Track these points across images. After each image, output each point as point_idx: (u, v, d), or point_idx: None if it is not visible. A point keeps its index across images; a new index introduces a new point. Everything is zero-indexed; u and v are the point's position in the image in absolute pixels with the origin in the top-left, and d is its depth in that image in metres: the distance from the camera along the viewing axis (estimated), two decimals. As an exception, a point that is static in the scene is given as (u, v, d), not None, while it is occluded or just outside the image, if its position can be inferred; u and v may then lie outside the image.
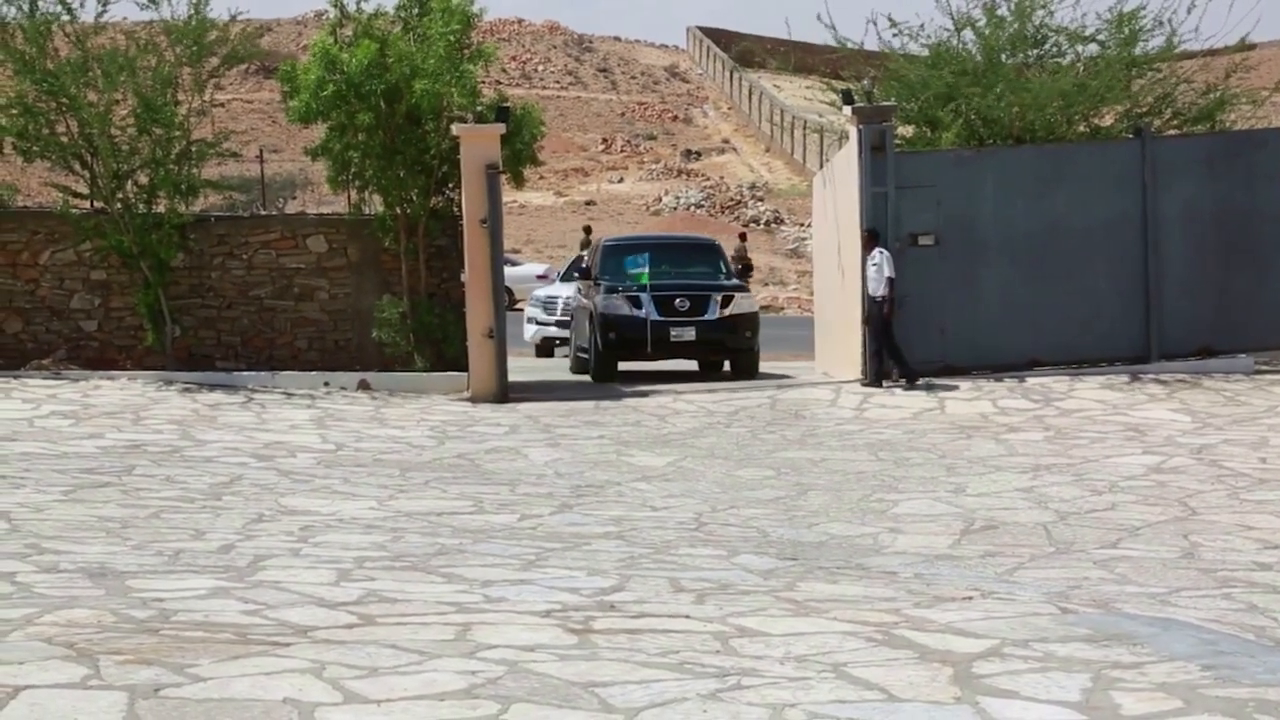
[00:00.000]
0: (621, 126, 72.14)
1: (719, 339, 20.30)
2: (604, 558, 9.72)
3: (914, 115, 21.67)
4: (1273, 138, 20.55)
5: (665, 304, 20.12)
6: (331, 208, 25.36)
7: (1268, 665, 7.08)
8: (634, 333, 19.96)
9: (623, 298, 20.12)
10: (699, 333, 20.17)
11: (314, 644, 7.14)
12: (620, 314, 20.06)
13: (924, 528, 11.26)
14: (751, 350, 20.42)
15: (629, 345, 20.04)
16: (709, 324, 20.20)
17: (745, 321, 20.42)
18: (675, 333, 20.07)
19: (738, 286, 20.79)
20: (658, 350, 20.08)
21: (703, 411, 17.61)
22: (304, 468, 13.72)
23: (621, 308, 20.08)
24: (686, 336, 20.13)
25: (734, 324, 20.30)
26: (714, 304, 20.21)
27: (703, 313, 20.18)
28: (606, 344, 20.05)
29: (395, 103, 19.18)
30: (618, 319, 20.08)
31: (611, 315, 20.10)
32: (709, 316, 20.17)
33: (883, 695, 6.54)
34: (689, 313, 20.14)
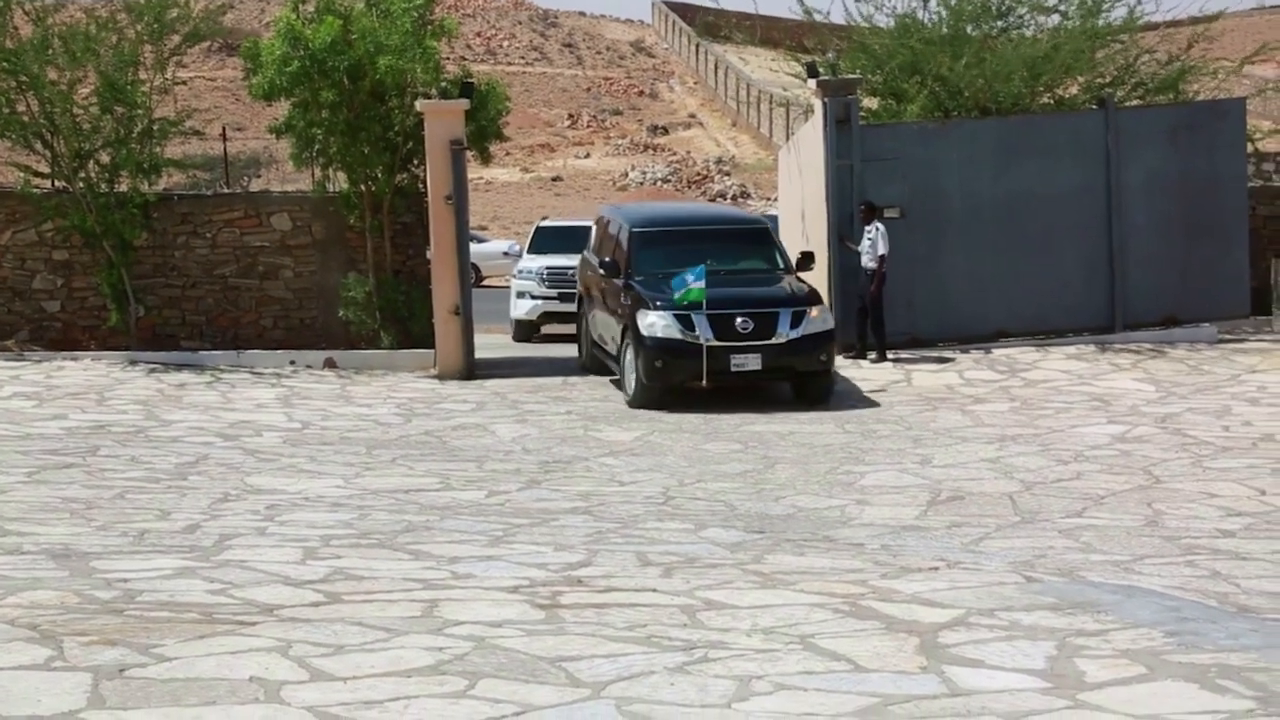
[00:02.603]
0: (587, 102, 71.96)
1: (788, 365, 16.10)
2: (571, 533, 9.72)
3: (879, 87, 21.67)
4: (1234, 108, 20.63)
5: (724, 325, 15.82)
6: (295, 185, 25.17)
7: (1230, 631, 7.14)
8: (686, 360, 15.78)
9: (671, 317, 15.85)
10: (765, 359, 15.87)
11: (280, 622, 7.13)
12: (669, 339, 15.85)
13: (891, 499, 11.29)
14: (827, 373, 16.29)
15: (679, 374, 15.87)
16: (778, 349, 15.88)
17: (820, 342, 16.13)
18: (736, 361, 15.81)
19: (809, 296, 16.40)
20: (715, 381, 15.86)
21: (670, 386, 17.60)
22: (270, 446, 13.67)
23: (671, 330, 15.84)
24: (750, 365, 15.86)
25: (807, 345, 16.00)
26: (784, 322, 15.91)
27: (770, 334, 15.88)
28: (651, 372, 15.85)
29: (359, 79, 19.07)
30: (665, 345, 15.85)
31: (658, 340, 15.87)
32: (777, 339, 15.88)
33: (849, 666, 6.56)
34: (753, 335, 15.87)
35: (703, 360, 15.74)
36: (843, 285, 18.87)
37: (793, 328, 15.91)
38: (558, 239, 24.78)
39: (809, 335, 15.98)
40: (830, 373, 16.34)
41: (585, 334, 18.63)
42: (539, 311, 23.96)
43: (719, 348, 15.76)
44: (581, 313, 18.95)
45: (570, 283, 23.32)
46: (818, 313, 16.17)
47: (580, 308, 19.01)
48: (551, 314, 23.90)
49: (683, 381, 15.89)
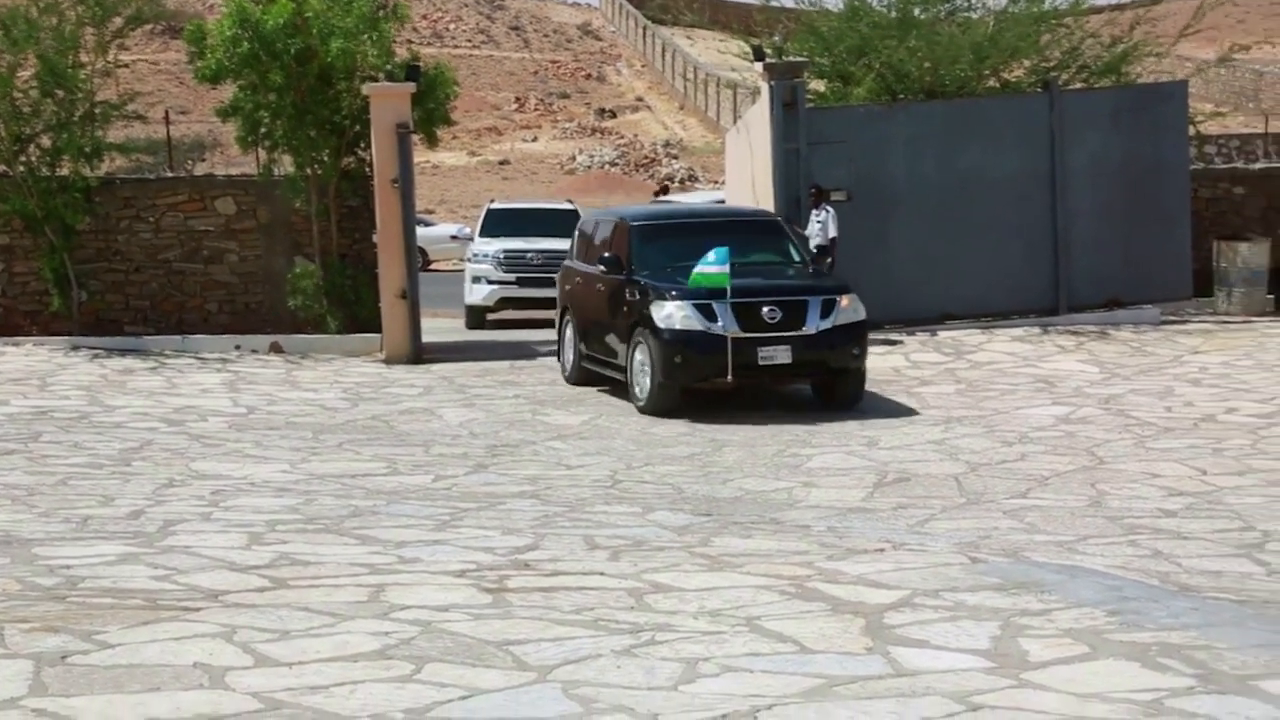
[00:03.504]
0: (535, 85, 71.77)
1: (820, 359, 14.51)
2: (519, 517, 9.72)
3: (827, 70, 21.73)
4: (1177, 91, 20.79)
5: (749, 315, 14.29)
6: (241, 169, 25.03)
7: (1171, 610, 7.21)
8: (708, 355, 14.23)
9: (690, 307, 14.28)
10: (795, 352, 14.31)
11: (225, 608, 7.09)
12: (689, 330, 14.26)
13: (837, 481, 11.34)
14: (859, 371, 14.82)
15: (701, 371, 14.37)
16: (808, 340, 14.34)
17: (853, 334, 14.64)
18: (764, 354, 14.26)
19: (838, 285, 14.97)
20: (741, 376, 14.33)
21: (618, 369, 17.61)
22: (215, 432, 13.59)
23: (691, 321, 14.25)
24: (779, 358, 14.29)
25: (839, 338, 14.50)
26: (813, 312, 14.43)
27: (800, 325, 14.35)
28: (670, 370, 14.29)
29: (307, 62, 18.96)
30: (685, 337, 14.27)
31: (677, 332, 14.28)
32: (808, 330, 14.35)
33: (796, 647, 6.59)
34: (781, 325, 14.33)
35: (727, 354, 14.12)
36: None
37: (823, 317, 14.40)
38: (510, 221, 24.34)
39: (841, 326, 14.51)
40: (862, 371, 14.85)
41: (572, 347, 16.56)
42: (496, 297, 23.30)
43: (745, 340, 14.19)
44: (564, 325, 16.96)
45: (529, 267, 23.16)
46: (849, 302, 14.66)
47: (561, 320, 17.13)
48: (509, 299, 23.29)
49: (705, 378, 14.35)
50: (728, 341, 14.16)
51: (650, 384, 14.43)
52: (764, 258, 15.58)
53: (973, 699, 5.86)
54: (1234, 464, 11.67)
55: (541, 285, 22.96)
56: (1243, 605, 7.49)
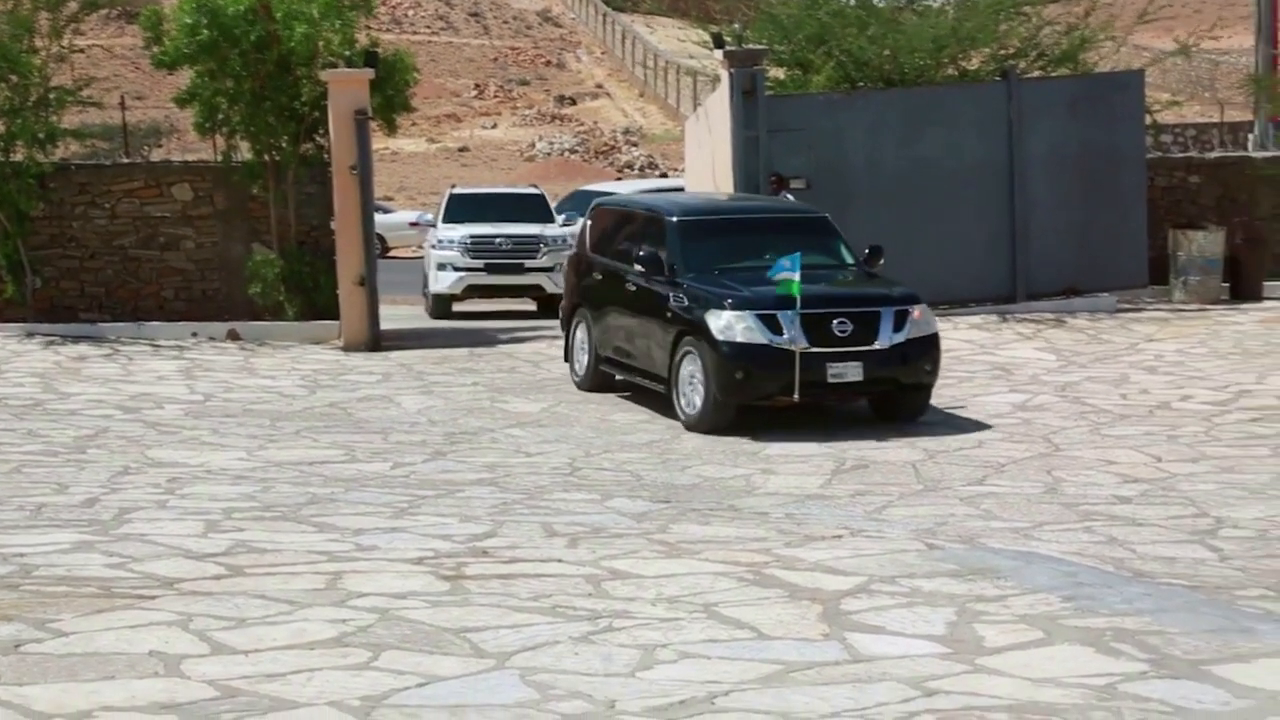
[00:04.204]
0: (494, 72, 71.59)
1: (892, 376, 13.17)
2: (477, 504, 9.71)
3: (786, 58, 21.75)
4: (1133, 80, 20.90)
5: (818, 327, 12.91)
6: (197, 155, 24.84)
7: (1125, 595, 7.27)
8: (773, 371, 12.82)
9: (753, 317, 12.89)
10: (867, 369, 12.97)
11: (181, 596, 7.07)
12: (752, 343, 12.84)
13: (795, 468, 11.37)
14: (928, 388, 13.52)
15: (764, 388, 12.96)
16: (881, 356, 12.99)
17: (926, 348, 13.30)
18: (834, 370, 12.88)
19: (909, 294, 13.55)
20: (809, 394, 12.93)
21: (577, 357, 17.60)
22: (171, 419, 13.52)
23: (754, 334, 12.85)
24: (849, 376, 12.94)
25: (912, 353, 13.18)
26: (886, 325, 13.08)
27: (871, 339, 12.99)
28: (729, 386, 12.87)
29: (266, 49, 18.86)
30: (748, 351, 12.84)
31: (738, 345, 12.85)
32: (880, 344, 12.99)
33: (753, 634, 6.61)
34: (852, 339, 12.98)
35: (794, 370, 12.73)
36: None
37: (895, 331, 13.07)
38: (474, 207, 23.75)
39: (914, 340, 13.15)
40: (930, 388, 13.52)
41: (587, 350, 15.12)
42: (464, 284, 22.56)
43: (815, 355, 12.81)
44: (573, 324, 15.48)
45: (498, 253, 22.45)
46: (920, 314, 13.34)
47: (570, 319, 15.60)
48: (477, 287, 22.62)
49: (768, 396, 13.01)
50: (795, 357, 12.74)
51: (704, 400, 12.99)
52: (815, 261, 13.83)
53: (928, 684, 5.89)
54: (1188, 451, 11.76)
55: (510, 272, 22.64)
56: (1195, 591, 7.56)
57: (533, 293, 23.14)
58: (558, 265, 22.11)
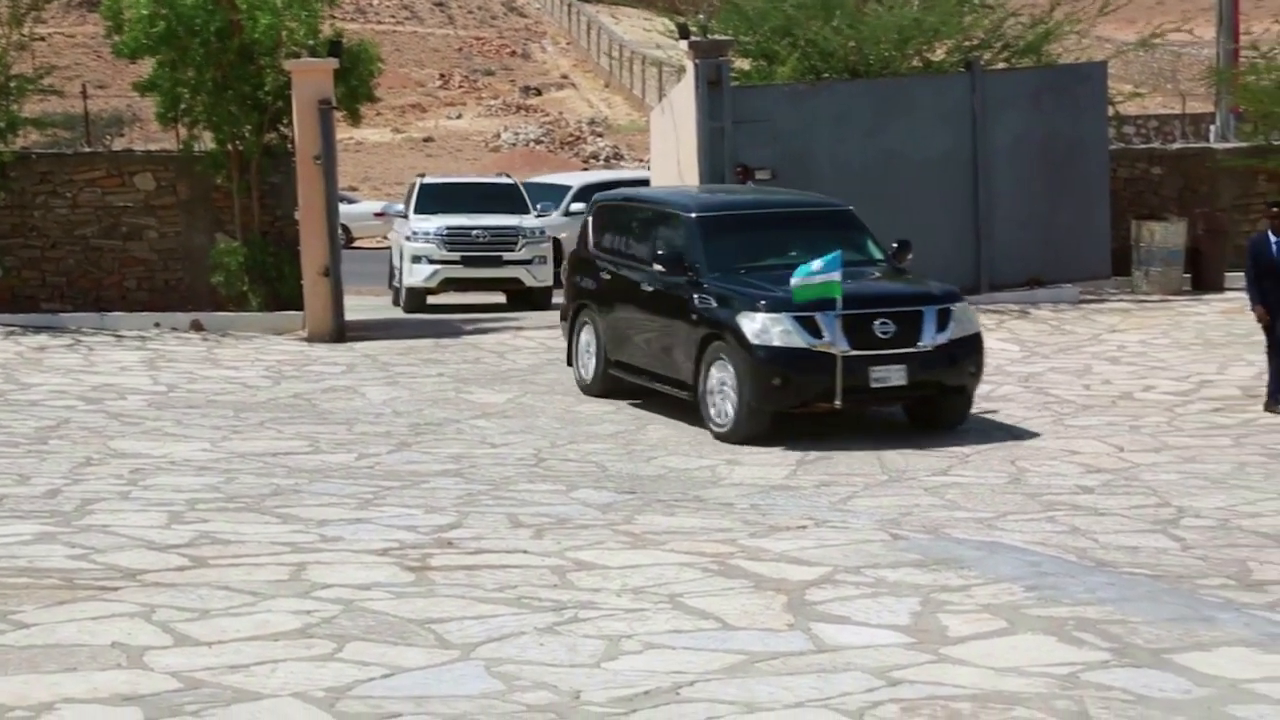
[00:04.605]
0: (459, 62, 71.39)
1: (935, 378, 12.40)
2: (442, 495, 9.69)
3: (752, 49, 21.75)
4: (1096, 71, 20.99)
5: (859, 329, 12.08)
6: (160, 144, 24.67)
7: (1087, 585, 7.31)
8: (813, 376, 11.98)
9: (790, 319, 12.04)
10: (911, 372, 12.16)
11: (143, 587, 7.03)
12: (790, 347, 12.02)
13: (761, 459, 11.39)
14: (971, 392, 12.74)
15: (803, 394, 12.14)
16: (925, 358, 12.20)
17: (969, 349, 12.54)
18: (877, 374, 12.07)
19: (949, 291, 12.89)
20: (851, 400, 12.06)
21: (542, 347, 17.58)
22: (134, 410, 13.44)
23: (791, 337, 12.02)
24: (893, 380, 12.14)
25: (957, 354, 12.40)
26: (929, 325, 12.28)
27: (914, 340, 12.20)
28: (765, 393, 12.04)
29: (228, 38, 18.75)
30: (785, 355, 12.02)
31: (775, 349, 12.02)
32: (924, 345, 12.19)
33: (718, 624, 6.62)
34: (894, 341, 12.17)
35: (836, 374, 11.86)
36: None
37: (939, 330, 12.29)
38: (447, 197, 22.96)
39: (957, 340, 12.38)
40: (971, 392, 12.74)
41: (595, 354, 14.25)
42: (440, 278, 21.70)
43: (857, 358, 11.97)
44: (578, 326, 14.62)
45: (475, 245, 21.62)
46: (963, 312, 12.65)
47: (574, 321, 14.71)
48: (454, 280, 21.72)
49: (806, 402, 12.18)
50: (837, 361, 11.87)
51: (737, 408, 12.14)
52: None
53: (892, 674, 5.91)
54: (1151, 441, 11.84)
55: (487, 265, 21.82)
56: (1158, 580, 7.61)
57: (510, 286, 22.26)
58: (535, 258, 21.79)
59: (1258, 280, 12.78)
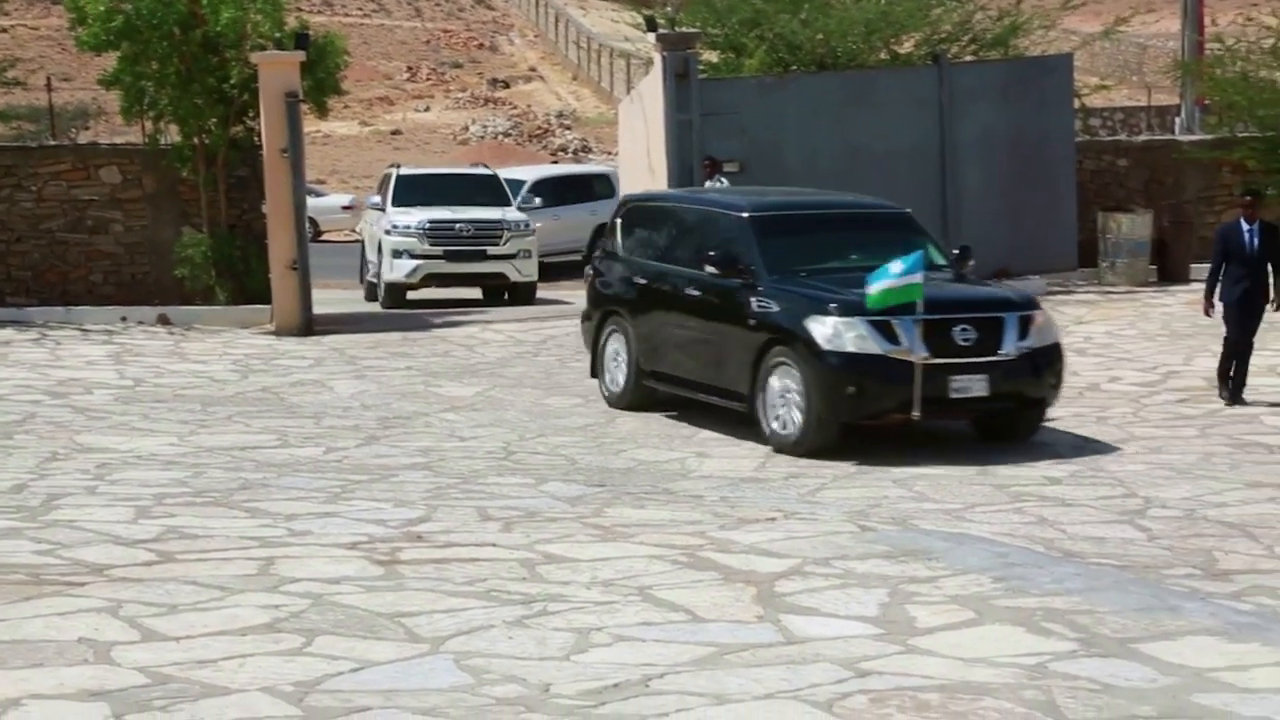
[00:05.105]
0: (427, 54, 71.19)
1: (1016, 389, 11.60)
2: (411, 489, 9.67)
3: (720, 41, 21.78)
4: (1061, 64, 21.07)
5: (939, 335, 11.26)
6: (126, 138, 24.56)
7: (1054, 575, 7.35)
8: (890, 385, 11.19)
9: (865, 324, 11.21)
10: (993, 382, 11.35)
11: (110, 583, 7.00)
12: (865, 354, 11.20)
13: (730, 452, 11.40)
14: (1047, 405, 11.97)
15: (879, 404, 11.37)
16: (1007, 367, 11.41)
17: (1050, 359, 11.79)
18: (957, 384, 11.26)
19: (1028, 297, 12.34)
20: (932, 411, 11.35)
21: (511, 341, 17.58)
22: (101, 404, 13.37)
23: (867, 343, 11.19)
24: (974, 390, 11.33)
25: (1039, 363, 11.66)
26: (1010, 332, 11.50)
27: (995, 348, 11.41)
28: (838, 403, 11.26)
29: (191, 30, 18.66)
30: (860, 363, 11.21)
31: (849, 356, 11.21)
32: (1005, 354, 11.41)
33: (687, 616, 6.63)
34: (975, 349, 11.39)
35: (915, 384, 11.06)
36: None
37: (1021, 338, 11.52)
38: (426, 189, 22.31)
39: (1039, 349, 11.65)
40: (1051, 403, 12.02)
41: (626, 363, 13.29)
42: (423, 273, 21.03)
43: (937, 367, 11.16)
44: (605, 334, 13.67)
45: (459, 239, 21.05)
46: (1042, 319, 11.88)
47: (600, 328, 13.74)
48: (436, 275, 21.07)
49: (882, 413, 11.39)
50: (916, 369, 11.08)
51: (804, 418, 11.30)
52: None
53: (861, 665, 5.93)
54: (1117, 432, 11.90)
55: (472, 259, 21.22)
56: (1124, 570, 7.66)
57: (495, 281, 21.67)
58: (520, 252, 21.32)
59: (1224, 271, 12.79)
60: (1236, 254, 12.71)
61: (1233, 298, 12.76)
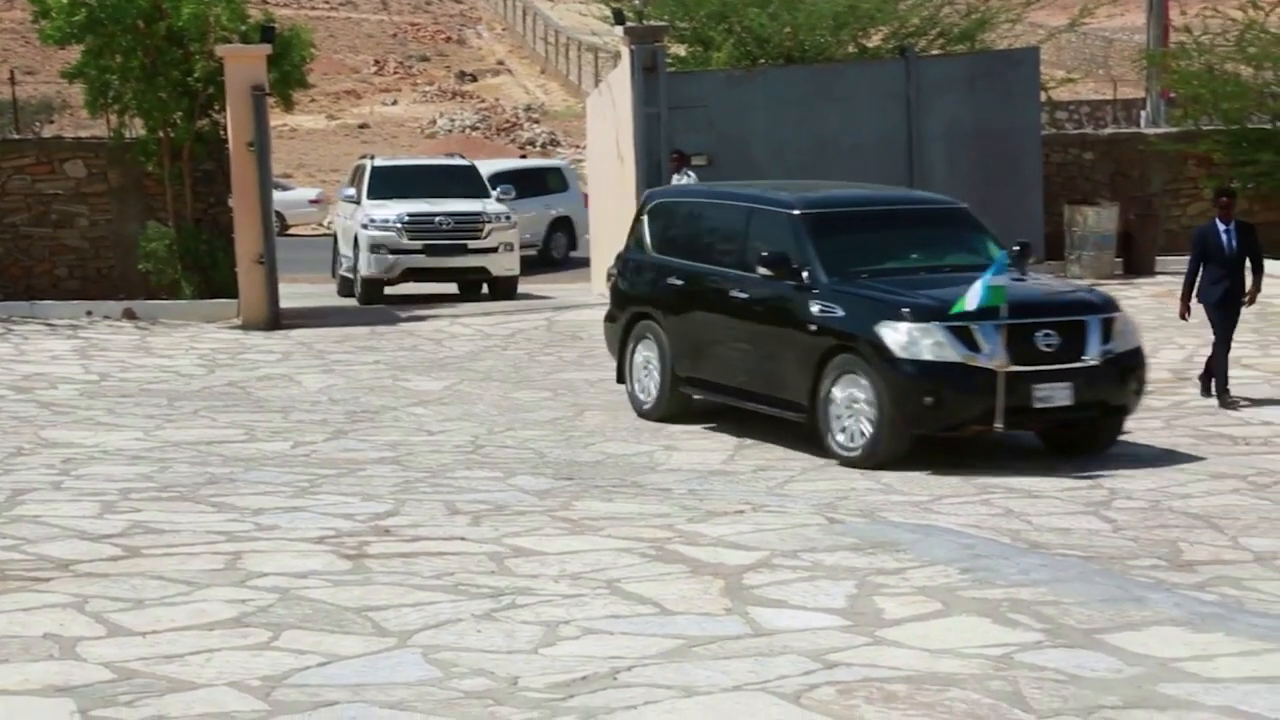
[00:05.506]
0: (394, 48, 70.98)
1: (1101, 398, 10.83)
2: (379, 483, 9.65)
3: (688, 35, 21.79)
4: (1028, 57, 21.14)
5: (1021, 341, 10.48)
6: (91, 131, 24.41)
7: (1021, 566, 7.38)
8: (971, 394, 10.41)
9: (943, 330, 10.45)
10: (1077, 390, 10.61)
11: (76, 578, 6.97)
12: (944, 361, 10.44)
13: (698, 444, 11.42)
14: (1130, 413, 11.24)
15: (959, 414, 10.59)
16: (1092, 374, 10.67)
17: (1134, 364, 11.07)
18: (1041, 393, 10.52)
19: (1107, 298, 11.38)
20: (1013, 422, 10.55)
21: (479, 334, 17.56)
22: (66, 399, 13.30)
23: (945, 350, 10.44)
24: (1058, 399, 10.58)
25: (1124, 369, 10.94)
26: (1094, 336, 10.76)
27: (1078, 354, 10.67)
28: (914, 413, 10.51)
29: (154, 23, 18.57)
30: (939, 370, 10.45)
31: (926, 364, 10.45)
32: (1089, 359, 10.66)
33: (656, 609, 6.64)
34: (1058, 355, 10.63)
35: (997, 393, 10.28)
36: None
37: (1104, 343, 10.77)
38: (401, 181, 21.81)
39: (1122, 354, 10.90)
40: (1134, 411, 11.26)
41: (659, 368, 12.42)
42: (401, 268, 20.51)
43: (1021, 375, 10.39)
44: (634, 339, 12.77)
45: (439, 233, 20.62)
46: (1123, 322, 11.13)
47: (627, 333, 12.84)
48: (416, 270, 20.55)
49: (962, 423, 10.66)
50: (998, 377, 10.29)
51: (876, 430, 10.54)
52: (960, 259, 11.64)
53: (829, 657, 5.95)
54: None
55: (452, 254, 20.69)
56: (1089, 561, 7.70)
57: (476, 276, 21.15)
58: (502, 245, 20.90)
59: (1201, 273, 12.64)
60: (1215, 255, 12.58)
61: (1213, 299, 12.64)
